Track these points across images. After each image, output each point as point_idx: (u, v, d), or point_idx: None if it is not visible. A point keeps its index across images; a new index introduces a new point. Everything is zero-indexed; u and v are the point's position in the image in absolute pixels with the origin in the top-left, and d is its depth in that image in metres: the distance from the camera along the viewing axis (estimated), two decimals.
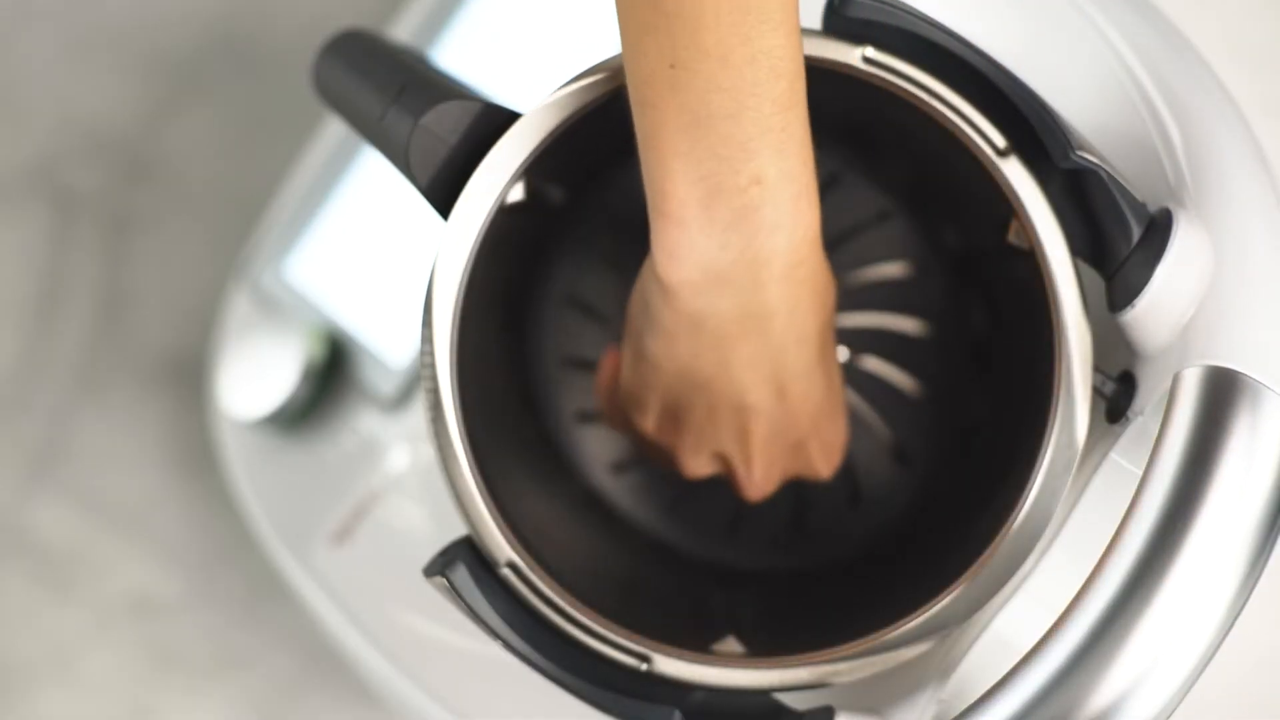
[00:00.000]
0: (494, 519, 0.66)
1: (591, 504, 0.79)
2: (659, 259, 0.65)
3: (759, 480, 0.73)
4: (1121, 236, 0.66)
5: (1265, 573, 0.63)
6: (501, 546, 0.66)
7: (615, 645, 0.66)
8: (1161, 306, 0.66)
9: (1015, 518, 0.66)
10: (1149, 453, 0.63)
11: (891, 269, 0.78)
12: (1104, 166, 0.66)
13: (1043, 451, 0.66)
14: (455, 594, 0.66)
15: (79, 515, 1.28)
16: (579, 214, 0.77)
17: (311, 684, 1.26)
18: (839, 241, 0.78)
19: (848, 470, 0.78)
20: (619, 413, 0.74)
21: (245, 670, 1.26)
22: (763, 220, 0.63)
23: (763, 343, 0.67)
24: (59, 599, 1.28)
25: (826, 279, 0.68)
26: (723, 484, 0.75)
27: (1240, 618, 0.63)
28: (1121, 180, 0.67)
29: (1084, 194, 0.67)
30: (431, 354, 0.67)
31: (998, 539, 0.66)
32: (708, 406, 0.69)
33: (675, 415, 0.70)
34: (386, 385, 1.03)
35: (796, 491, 0.78)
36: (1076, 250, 0.67)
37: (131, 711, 1.26)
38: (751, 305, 0.65)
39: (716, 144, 0.62)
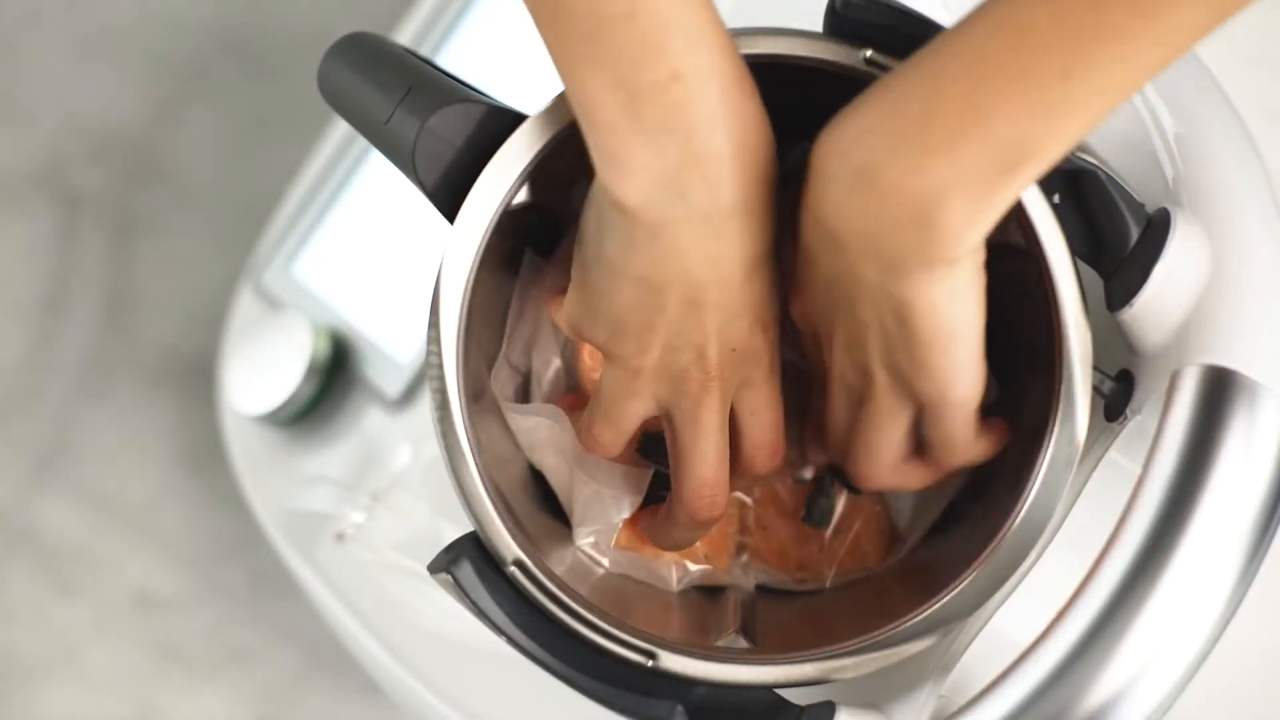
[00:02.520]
0: (501, 518, 0.67)
1: None
2: (602, 172, 0.63)
3: (720, 398, 0.68)
4: (1120, 236, 0.67)
5: (1263, 572, 0.63)
6: (509, 545, 0.67)
7: (622, 642, 0.66)
8: (1159, 306, 0.66)
9: (1016, 515, 0.66)
10: (1147, 450, 0.64)
11: None
12: (1103, 167, 0.67)
13: (1043, 449, 0.66)
14: (460, 590, 0.67)
15: (84, 512, 1.29)
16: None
17: (314, 679, 1.26)
18: None
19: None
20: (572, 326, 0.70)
21: (249, 666, 1.26)
22: (695, 117, 0.62)
23: (722, 246, 0.65)
24: (64, 595, 1.28)
25: (775, 175, 0.66)
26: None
27: (1239, 616, 0.63)
28: (1120, 181, 0.67)
29: (1083, 194, 0.67)
30: (438, 354, 0.67)
31: (999, 536, 0.66)
32: (661, 309, 0.66)
33: (626, 325, 0.67)
34: (392, 382, 1.03)
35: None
36: (1076, 250, 0.67)
37: (135, 707, 1.26)
38: (706, 209, 0.63)
39: (621, 45, 0.61)
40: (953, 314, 0.64)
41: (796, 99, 0.73)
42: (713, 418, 0.69)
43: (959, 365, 0.65)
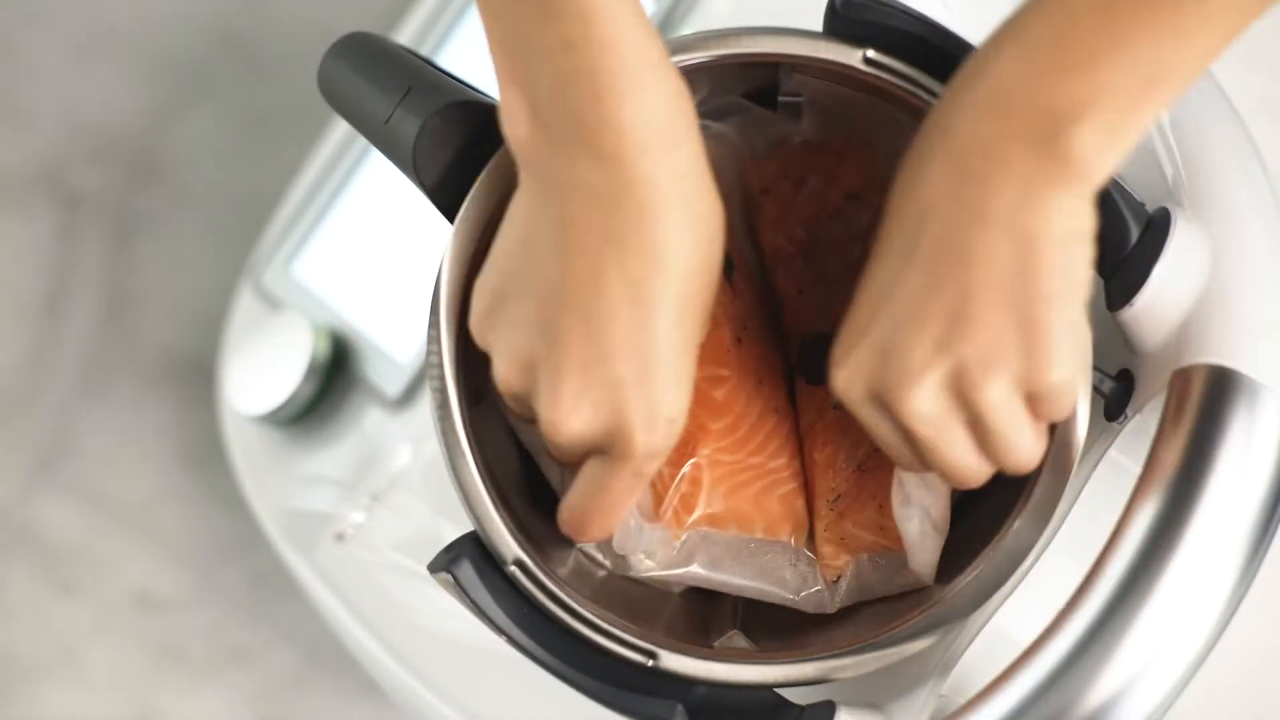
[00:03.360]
0: (501, 518, 0.67)
1: None
2: (500, 115, 0.63)
3: (568, 395, 0.64)
4: (1120, 236, 0.67)
5: (1262, 572, 0.63)
6: (509, 545, 0.67)
7: (623, 642, 0.66)
8: (1159, 305, 0.66)
9: (1016, 515, 0.66)
10: (1147, 450, 0.64)
11: None
12: None
13: (1044, 449, 0.66)
14: (460, 590, 0.67)
15: (84, 512, 1.29)
16: None
17: (314, 680, 1.26)
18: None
19: None
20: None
21: (248, 666, 1.26)
22: (594, 87, 0.61)
23: (607, 233, 0.62)
24: (64, 595, 1.28)
25: (703, 185, 0.63)
26: None
27: (1239, 616, 0.63)
28: (1120, 180, 0.67)
29: None
30: (439, 354, 0.67)
31: (1000, 536, 0.67)
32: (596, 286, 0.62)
33: (507, 298, 0.64)
34: (392, 382, 1.03)
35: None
36: None
37: (135, 707, 1.26)
38: (600, 181, 0.61)
39: (515, 4, 0.61)
40: (1074, 257, 0.61)
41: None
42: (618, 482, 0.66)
43: (1071, 339, 0.62)
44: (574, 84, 0.61)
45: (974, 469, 0.65)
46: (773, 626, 0.72)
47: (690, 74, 0.69)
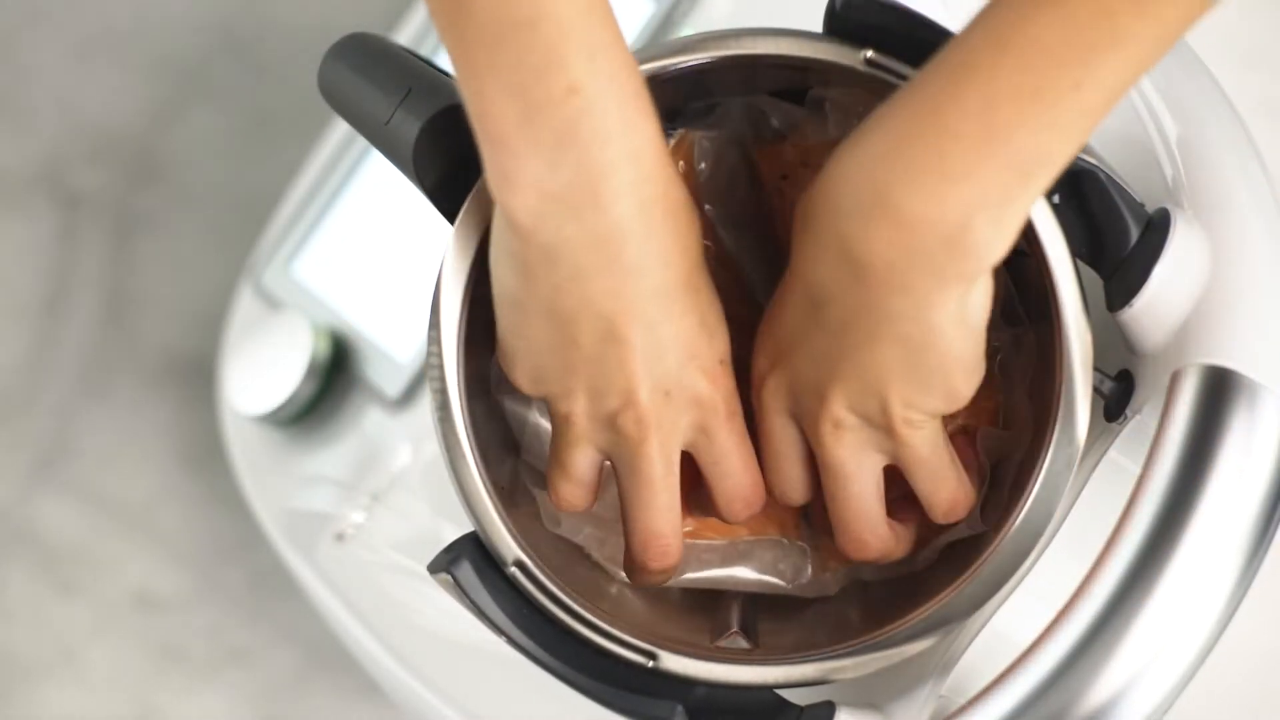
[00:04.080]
0: (501, 519, 0.67)
1: None
2: (494, 185, 0.62)
3: (660, 445, 0.66)
4: (1120, 236, 0.67)
5: (1262, 572, 0.63)
6: (510, 546, 0.67)
7: (622, 643, 0.66)
8: (1159, 306, 0.66)
9: (1017, 515, 0.66)
10: (1147, 450, 0.64)
11: None
12: (1102, 167, 0.67)
13: (1044, 450, 0.66)
14: (460, 591, 0.67)
15: (84, 512, 1.29)
16: None
17: (314, 679, 1.26)
18: None
19: None
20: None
21: (248, 666, 1.26)
22: (590, 132, 0.60)
23: (621, 272, 0.63)
24: (63, 595, 1.28)
25: (683, 201, 0.64)
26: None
27: (1239, 616, 0.63)
28: (1120, 181, 0.67)
29: (1083, 194, 0.67)
30: (438, 354, 0.67)
31: (1000, 536, 0.67)
32: (575, 344, 0.64)
33: (544, 367, 0.66)
34: (392, 382, 1.03)
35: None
36: (1076, 250, 0.67)
37: (135, 707, 1.26)
38: (600, 228, 0.62)
39: (520, 54, 0.60)
40: (977, 326, 0.64)
41: (796, 99, 0.73)
42: (653, 468, 0.66)
43: (977, 375, 0.65)
44: (575, 135, 0.61)
45: (873, 521, 0.68)
46: (773, 628, 0.72)
47: (696, 75, 0.69)
